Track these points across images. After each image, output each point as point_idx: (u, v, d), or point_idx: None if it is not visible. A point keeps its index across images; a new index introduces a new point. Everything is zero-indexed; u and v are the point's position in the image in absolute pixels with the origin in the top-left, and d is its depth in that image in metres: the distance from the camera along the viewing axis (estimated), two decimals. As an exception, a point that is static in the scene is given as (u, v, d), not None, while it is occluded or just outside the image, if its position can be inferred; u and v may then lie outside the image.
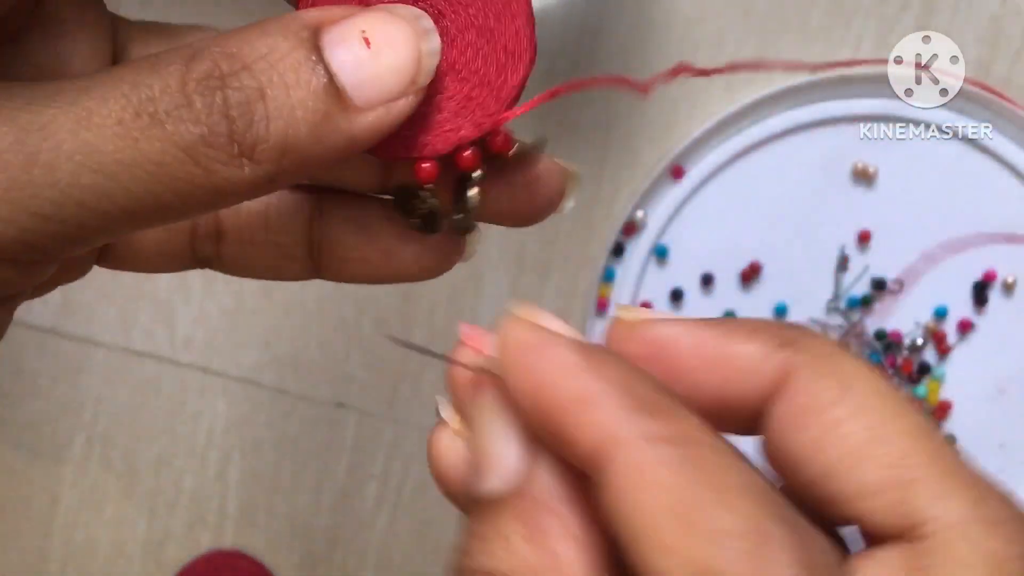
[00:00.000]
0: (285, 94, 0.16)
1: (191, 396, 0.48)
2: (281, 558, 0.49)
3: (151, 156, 0.15)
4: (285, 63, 0.16)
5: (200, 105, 0.15)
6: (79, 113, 0.14)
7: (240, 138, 0.15)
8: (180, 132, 0.15)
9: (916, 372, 0.46)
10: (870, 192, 0.45)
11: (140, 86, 0.15)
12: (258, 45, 0.16)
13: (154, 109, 0.15)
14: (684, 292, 0.46)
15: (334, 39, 0.16)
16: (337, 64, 0.16)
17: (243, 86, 0.15)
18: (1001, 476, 0.47)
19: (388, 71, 0.17)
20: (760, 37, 0.45)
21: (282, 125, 0.16)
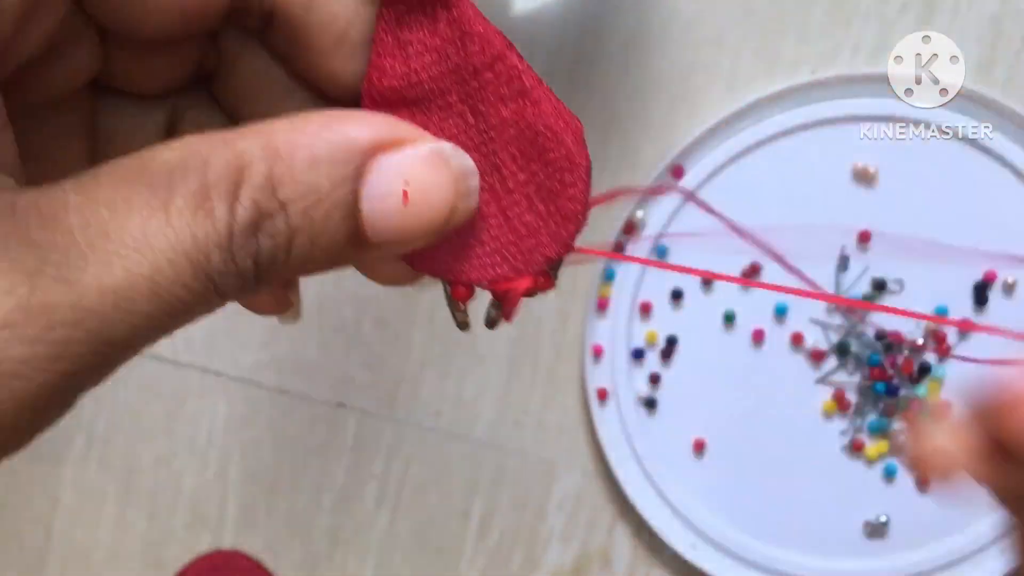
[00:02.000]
0: (310, 241, 0.16)
1: (191, 396, 0.48)
2: (281, 558, 0.49)
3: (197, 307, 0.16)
4: (321, 209, 0.16)
5: (239, 259, 0.15)
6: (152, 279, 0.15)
7: (261, 277, 0.16)
8: (222, 285, 0.16)
9: (916, 372, 0.46)
10: (870, 192, 0.45)
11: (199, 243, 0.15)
12: (300, 180, 0.16)
13: (209, 270, 0.15)
14: (684, 292, 0.46)
15: (376, 187, 0.16)
16: (368, 213, 0.16)
17: (276, 232, 0.16)
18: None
19: (415, 226, 0.17)
20: (760, 37, 0.45)
21: (299, 265, 0.16)
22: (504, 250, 0.19)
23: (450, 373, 0.47)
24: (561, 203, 0.19)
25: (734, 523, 0.47)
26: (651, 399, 0.46)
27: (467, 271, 0.19)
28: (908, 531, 0.47)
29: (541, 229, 0.19)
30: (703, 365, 0.46)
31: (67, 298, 0.14)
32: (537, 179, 0.19)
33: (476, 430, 0.48)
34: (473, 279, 0.19)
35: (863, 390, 0.46)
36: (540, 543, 0.48)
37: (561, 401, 0.47)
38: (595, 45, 0.45)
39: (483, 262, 0.19)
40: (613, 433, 0.46)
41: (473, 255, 0.19)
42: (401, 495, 0.48)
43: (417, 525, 0.48)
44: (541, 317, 0.47)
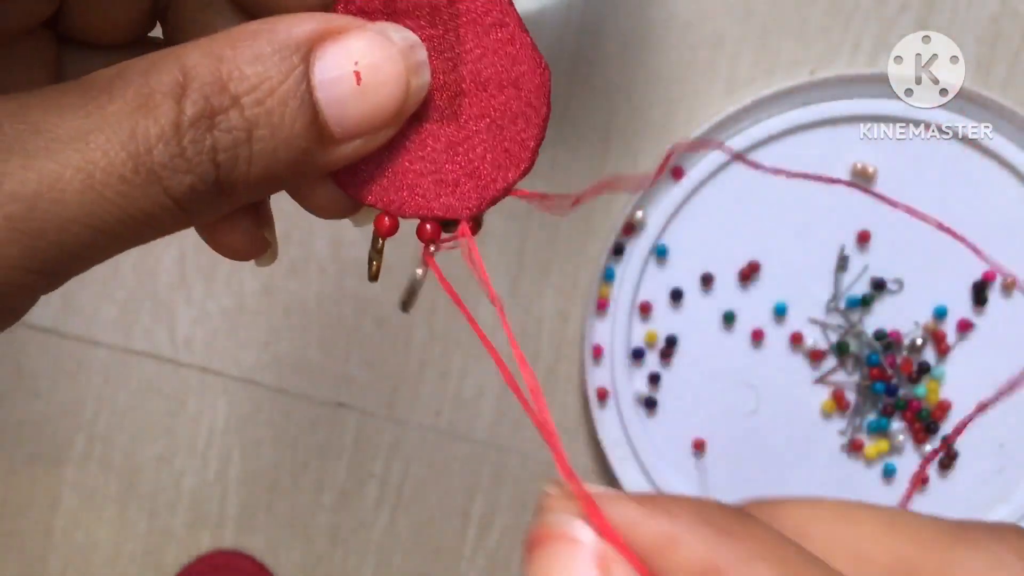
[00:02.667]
0: (271, 134, 0.16)
1: (191, 396, 0.48)
2: (281, 558, 0.49)
3: (144, 208, 0.15)
4: (274, 99, 0.16)
5: (191, 154, 0.15)
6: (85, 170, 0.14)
7: (224, 181, 0.16)
8: (173, 185, 0.15)
9: (916, 372, 0.46)
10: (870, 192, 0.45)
11: (137, 136, 0.15)
12: (249, 73, 0.15)
13: (152, 163, 0.15)
14: (684, 292, 0.46)
15: (326, 70, 0.16)
16: (325, 99, 0.16)
17: (232, 127, 0.15)
18: (1000, 476, 0.48)
19: (375, 107, 0.16)
20: (759, 38, 0.45)
21: (264, 167, 0.16)
22: (442, 185, 0.19)
23: (450, 373, 0.47)
24: (511, 146, 0.19)
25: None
26: (651, 399, 0.47)
27: (400, 201, 0.19)
28: (907, 531, 0.47)
29: (484, 169, 0.19)
30: (703, 365, 0.47)
31: None
32: (493, 116, 0.18)
33: (476, 430, 0.48)
34: (406, 210, 0.19)
35: (862, 390, 0.46)
36: (540, 543, 0.48)
37: (561, 401, 0.47)
38: (595, 46, 0.45)
39: (419, 194, 0.19)
40: (613, 433, 0.47)
41: (409, 185, 0.19)
42: (401, 495, 0.48)
43: (417, 524, 0.48)
44: (541, 317, 0.47)
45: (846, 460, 0.47)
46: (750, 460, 0.47)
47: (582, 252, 0.46)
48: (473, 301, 0.45)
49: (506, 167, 0.19)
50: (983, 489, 0.47)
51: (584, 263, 0.46)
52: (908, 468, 0.47)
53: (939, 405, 0.46)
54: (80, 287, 0.47)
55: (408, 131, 0.18)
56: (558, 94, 0.45)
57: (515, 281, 0.47)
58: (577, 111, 0.45)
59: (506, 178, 0.19)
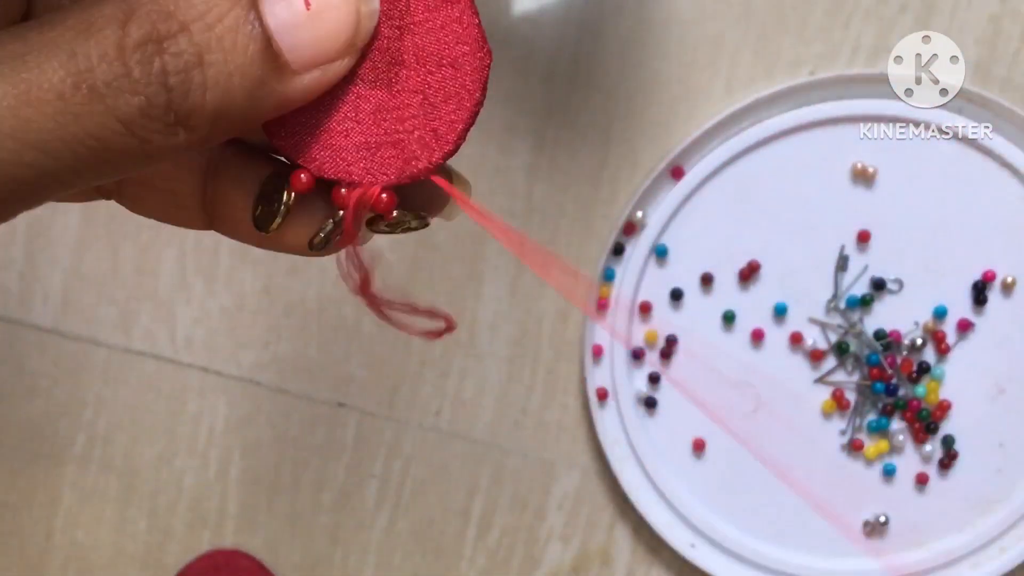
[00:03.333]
0: (223, 60, 0.15)
1: (192, 396, 0.48)
2: (281, 557, 0.49)
3: (91, 131, 0.14)
4: (223, 24, 0.15)
5: (139, 74, 0.15)
6: (19, 87, 0.14)
7: (177, 107, 0.15)
8: (119, 105, 0.15)
9: (916, 372, 0.46)
10: (869, 192, 0.45)
11: (78, 55, 0.14)
12: (195, 2, 0.15)
13: (93, 81, 0.14)
14: (683, 292, 0.46)
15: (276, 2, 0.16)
16: (275, 25, 0.16)
17: (181, 51, 0.15)
18: (1001, 476, 0.48)
19: (327, 33, 0.16)
20: (759, 38, 0.45)
21: (219, 93, 0.15)
22: (365, 150, 0.18)
23: (450, 373, 0.47)
24: (440, 127, 0.19)
25: (733, 522, 0.47)
26: (651, 399, 0.47)
27: (321, 159, 0.18)
28: (907, 530, 0.47)
29: (410, 145, 0.19)
30: (703, 365, 0.47)
31: None
32: (427, 94, 0.18)
33: (476, 430, 0.48)
34: (325, 170, 0.18)
35: (862, 390, 0.46)
36: (540, 542, 0.48)
37: (561, 401, 0.47)
38: (594, 46, 0.45)
39: (340, 156, 0.19)
40: (613, 433, 0.47)
41: (333, 144, 0.18)
42: (401, 494, 0.48)
43: (417, 524, 0.48)
44: (541, 317, 0.47)
45: (846, 460, 0.47)
46: (749, 459, 0.47)
47: (582, 252, 0.46)
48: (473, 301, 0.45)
49: (431, 148, 0.19)
50: (982, 489, 0.47)
51: (584, 263, 0.46)
52: (908, 468, 0.47)
53: (939, 405, 0.46)
54: (80, 287, 0.47)
55: (340, 92, 0.18)
56: (558, 95, 0.45)
57: (515, 281, 0.47)
58: (577, 111, 0.45)
59: (430, 158, 0.19)
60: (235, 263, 0.47)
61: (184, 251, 0.47)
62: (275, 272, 0.47)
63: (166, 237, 0.47)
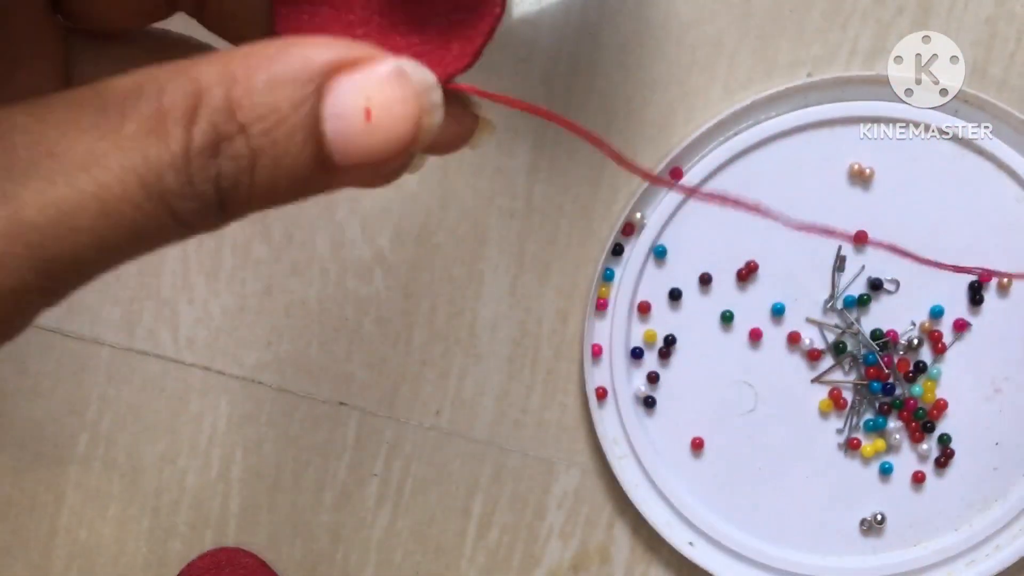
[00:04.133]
0: (274, 163, 0.16)
1: (194, 396, 0.48)
2: (283, 555, 0.49)
3: (153, 230, 0.15)
4: (281, 129, 0.15)
5: (198, 182, 0.15)
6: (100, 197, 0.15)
7: (225, 203, 0.16)
8: (180, 208, 0.15)
9: (912, 371, 0.46)
10: (867, 193, 0.45)
11: (151, 163, 0.15)
12: (259, 101, 0.15)
13: (162, 189, 0.15)
14: (682, 292, 0.46)
15: (337, 107, 0.16)
16: (332, 133, 0.16)
17: (237, 155, 0.15)
18: (997, 474, 0.48)
19: (381, 145, 0.16)
20: (757, 39, 0.45)
21: (263, 191, 0.16)
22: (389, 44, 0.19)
23: (450, 373, 0.48)
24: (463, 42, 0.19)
25: (731, 521, 0.47)
26: (650, 398, 0.47)
27: None
28: (904, 529, 0.47)
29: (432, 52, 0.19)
30: (701, 364, 0.47)
31: (4, 210, 0.14)
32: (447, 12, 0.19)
33: (476, 429, 0.48)
34: None
35: (859, 389, 0.47)
36: (540, 540, 0.49)
37: (560, 400, 0.48)
38: (593, 48, 0.45)
39: None
40: (612, 432, 0.47)
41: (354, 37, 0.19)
42: (401, 493, 0.49)
43: (417, 523, 0.49)
44: (541, 317, 0.47)
45: (843, 459, 0.47)
46: (747, 458, 0.47)
47: (582, 252, 0.47)
48: (473, 301, 0.46)
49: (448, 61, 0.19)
50: (979, 487, 0.47)
51: (584, 263, 0.47)
52: (905, 466, 0.47)
53: (935, 404, 0.46)
54: (84, 288, 0.48)
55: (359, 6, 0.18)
56: (558, 96, 0.45)
57: (515, 281, 0.47)
58: (576, 112, 0.45)
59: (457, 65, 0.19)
60: (237, 264, 0.47)
61: (187, 252, 0.47)
62: (276, 272, 0.47)
63: (168, 238, 0.47)
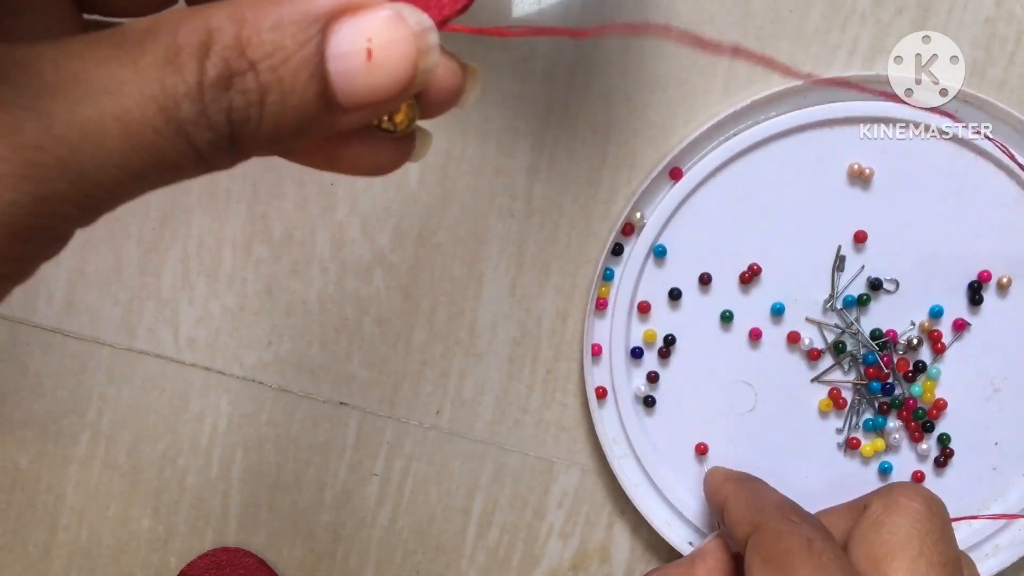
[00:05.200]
0: (281, 100, 0.17)
1: (194, 395, 0.48)
2: (283, 555, 0.49)
3: (172, 157, 0.16)
4: (287, 66, 0.17)
5: (211, 112, 0.16)
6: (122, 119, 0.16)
7: (236, 137, 0.17)
8: (196, 137, 0.16)
9: (912, 371, 0.46)
10: (866, 193, 0.45)
11: (168, 90, 0.16)
12: (266, 40, 0.17)
13: (179, 117, 0.16)
14: (682, 291, 0.46)
15: (340, 46, 0.17)
16: (335, 72, 0.17)
17: (247, 89, 0.16)
18: (996, 474, 0.48)
19: (382, 82, 0.17)
20: (757, 40, 0.45)
21: (272, 127, 0.17)
22: None
23: (450, 372, 0.48)
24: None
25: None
26: (649, 398, 0.47)
27: None
28: (904, 528, 0.47)
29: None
30: (701, 364, 0.47)
31: (37, 124, 0.15)
32: None
33: (476, 429, 0.48)
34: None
35: (859, 389, 0.47)
36: (540, 540, 0.49)
37: (560, 400, 0.48)
38: (593, 48, 0.45)
39: None
40: (612, 431, 0.47)
41: None
42: (402, 493, 0.49)
43: (418, 522, 0.49)
44: (541, 317, 0.47)
45: (843, 458, 0.47)
46: (747, 457, 0.47)
47: (582, 252, 0.47)
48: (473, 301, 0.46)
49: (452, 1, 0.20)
50: (978, 487, 0.47)
51: (583, 263, 0.47)
52: (904, 466, 0.47)
53: (935, 404, 0.46)
54: (84, 287, 0.48)
55: None
56: (558, 96, 0.45)
57: (515, 281, 0.47)
58: (576, 112, 0.46)
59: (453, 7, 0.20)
60: (237, 263, 0.47)
61: (187, 252, 0.47)
62: (277, 272, 0.47)
63: (169, 238, 0.47)
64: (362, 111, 0.18)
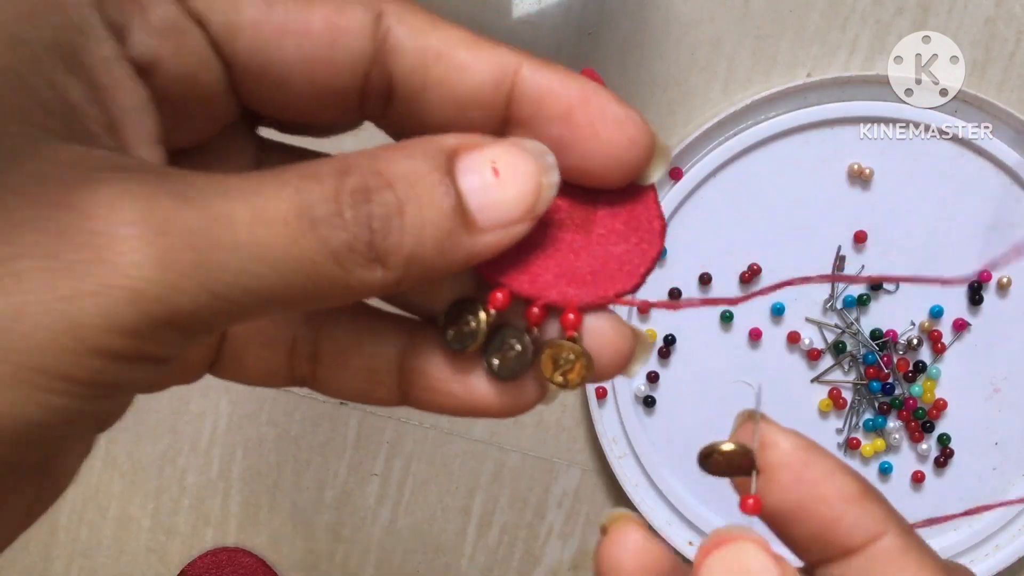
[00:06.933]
0: (419, 212, 0.18)
1: (195, 395, 0.48)
2: (283, 555, 0.49)
3: (307, 255, 0.17)
4: (422, 184, 0.18)
5: (349, 215, 0.17)
6: (255, 210, 0.17)
7: (377, 247, 0.18)
8: (331, 237, 0.17)
9: (912, 371, 0.46)
10: (866, 193, 0.45)
11: (303, 191, 0.17)
12: (401, 165, 0.18)
13: (313, 215, 0.17)
14: (682, 292, 0.46)
15: (467, 166, 0.19)
16: (467, 188, 0.18)
17: (385, 201, 0.18)
18: (996, 474, 0.48)
19: (510, 198, 0.19)
20: (757, 40, 0.45)
21: (413, 238, 0.18)
22: (561, 278, 0.21)
23: (450, 372, 0.48)
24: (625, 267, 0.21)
25: (730, 520, 0.47)
26: (649, 397, 0.47)
27: (519, 282, 0.21)
28: (903, 528, 0.47)
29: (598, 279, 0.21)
30: (701, 364, 0.47)
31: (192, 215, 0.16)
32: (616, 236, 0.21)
33: (476, 429, 0.48)
34: (522, 290, 0.21)
35: (859, 389, 0.47)
36: (540, 540, 0.49)
37: (560, 400, 0.48)
38: (593, 48, 0.45)
39: (537, 280, 0.21)
40: (612, 431, 0.47)
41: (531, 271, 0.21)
42: (402, 493, 0.49)
43: (418, 522, 0.49)
44: (540, 317, 0.47)
45: (843, 458, 0.47)
46: (748, 458, 0.47)
47: (581, 252, 0.47)
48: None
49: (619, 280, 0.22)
50: (978, 487, 0.47)
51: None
52: (904, 466, 0.47)
53: (935, 404, 0.46)
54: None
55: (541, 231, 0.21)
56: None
57: (515, 281, 0.47)
58: (576, 113, 0.45)
59: (617, 288, 0.21)
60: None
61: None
62: (277, 272, 0.47)
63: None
64: (497, 231, 0.19)
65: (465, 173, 0.19)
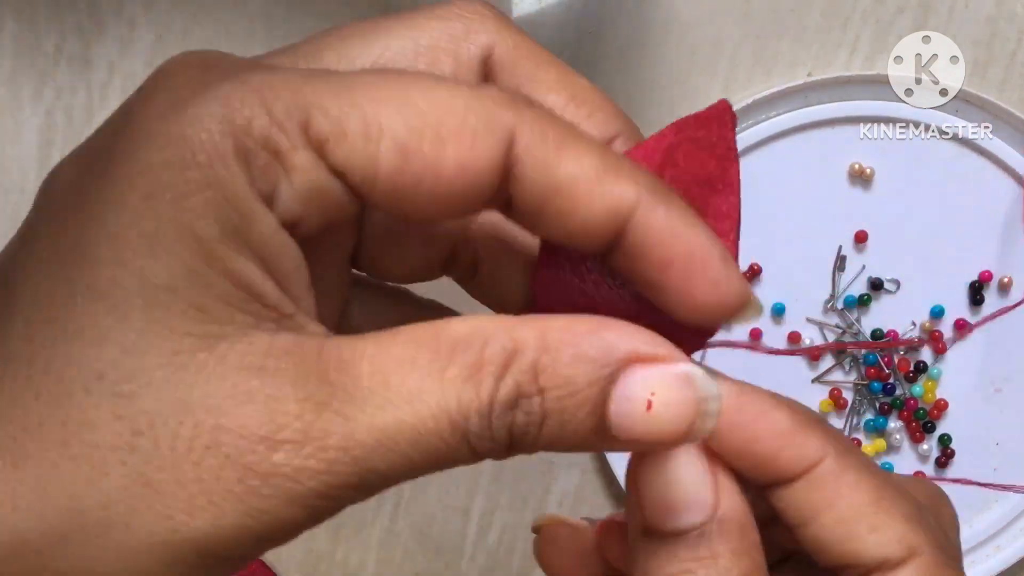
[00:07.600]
0: (560, 426, 0.18)
1: (194, 395, 0.48)
2: (283, 555, 0.49)
3: (451, 459, 0.18)
4: (573, 399, 0.18)
5: (495, 427, 0.18)
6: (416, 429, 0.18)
7: (512, 446, 0.19)
8: (478, 447, 0.18)
9: (913, 371, 0.46)
10: (867, 193, 0.45)
11: (463, 406, 0.18)
12: (563, 371, 0.18)
13: (466, 429, 0.18)
14: (682, 292, 0.46)
15: (624, 393, 0.18)
16: (614, 413, 0.18)
17: (531, 412, 0.18)
18: (997, 474, 0.48)
19: (655, 434, 0.19)
20: (757, 40, 0.45)
21: (547, 443, 0.19)
22: None
23: (450, 372, 0.48)
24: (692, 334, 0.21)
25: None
26: (650, 398, 0.47)
27: None
28: (904, 529, 0.47)
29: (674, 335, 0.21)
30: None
31: (342, 429, 0.17)
32: None
33: (476, 428, 0.48)
34: None
35: (859, 389, 0.47)
36: (540, 540, 0.49)
37: (560, 400, 0.48)
38: (594, 48, 0.45)
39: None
40: (612, 431, 0.47)
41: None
42: (402, 493, 0.49)
43: (418, 522, 0.49)
44: (540, 317, 0.47)
45: (843, 459, 0.47)
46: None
47: (581, 252, 0.47)
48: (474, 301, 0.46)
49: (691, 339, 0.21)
50: (979, 487, 0.47)
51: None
52: (905, 467, 0.47)
53: (936, 404, 0.46)
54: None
55: None
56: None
57: (515, 281, 0.47)
58: (576, 112, 0.45)
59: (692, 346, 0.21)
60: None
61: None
62: (277, 272, 0.47)
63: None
64: (631, 446, 0.19)
65: (619, 395, 0.18)
